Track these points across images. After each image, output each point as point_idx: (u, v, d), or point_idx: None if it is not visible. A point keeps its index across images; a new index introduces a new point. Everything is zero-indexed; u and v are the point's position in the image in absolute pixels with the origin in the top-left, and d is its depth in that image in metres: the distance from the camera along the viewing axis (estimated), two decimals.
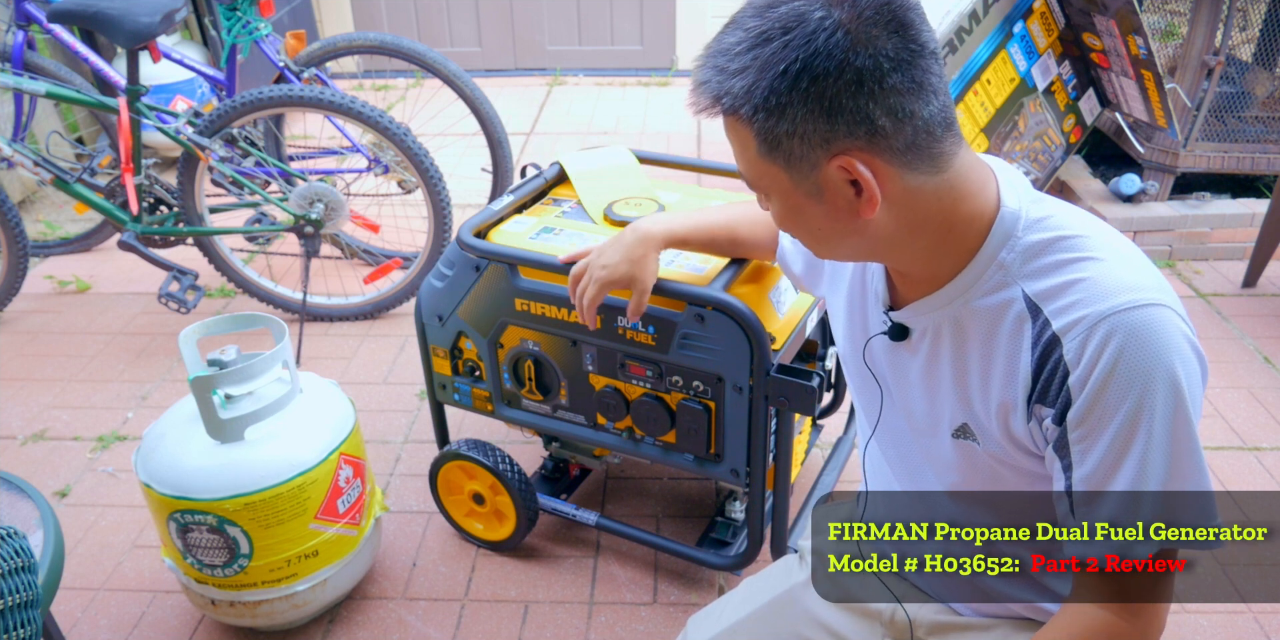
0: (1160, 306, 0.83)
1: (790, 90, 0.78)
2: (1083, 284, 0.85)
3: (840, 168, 0.81)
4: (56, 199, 3.75)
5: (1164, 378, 0.81)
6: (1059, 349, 0.85)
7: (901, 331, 0.98)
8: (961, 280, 0.91)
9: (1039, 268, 0.87)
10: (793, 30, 0.77)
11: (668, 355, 1.63)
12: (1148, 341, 0.81)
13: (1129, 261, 0.87)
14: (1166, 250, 3.29)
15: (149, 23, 2.50)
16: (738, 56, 0.79)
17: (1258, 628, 1.87)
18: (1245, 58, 3.43)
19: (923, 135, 0.82)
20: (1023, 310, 0.88)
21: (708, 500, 2.23)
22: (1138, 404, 0.82)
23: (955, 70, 2.92)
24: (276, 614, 1.80)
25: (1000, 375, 0.90)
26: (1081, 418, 0.84)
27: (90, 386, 2.73)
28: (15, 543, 1.03)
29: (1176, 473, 0.84)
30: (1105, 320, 0.82)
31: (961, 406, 0.95)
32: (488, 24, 5.32)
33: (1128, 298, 0.83)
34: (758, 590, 1.29)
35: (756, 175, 0.87)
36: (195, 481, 1.64)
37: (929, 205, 0.86)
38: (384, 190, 3.26)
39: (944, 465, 1.01)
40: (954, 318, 0.93)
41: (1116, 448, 0.84)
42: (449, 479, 2.06)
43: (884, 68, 0.77)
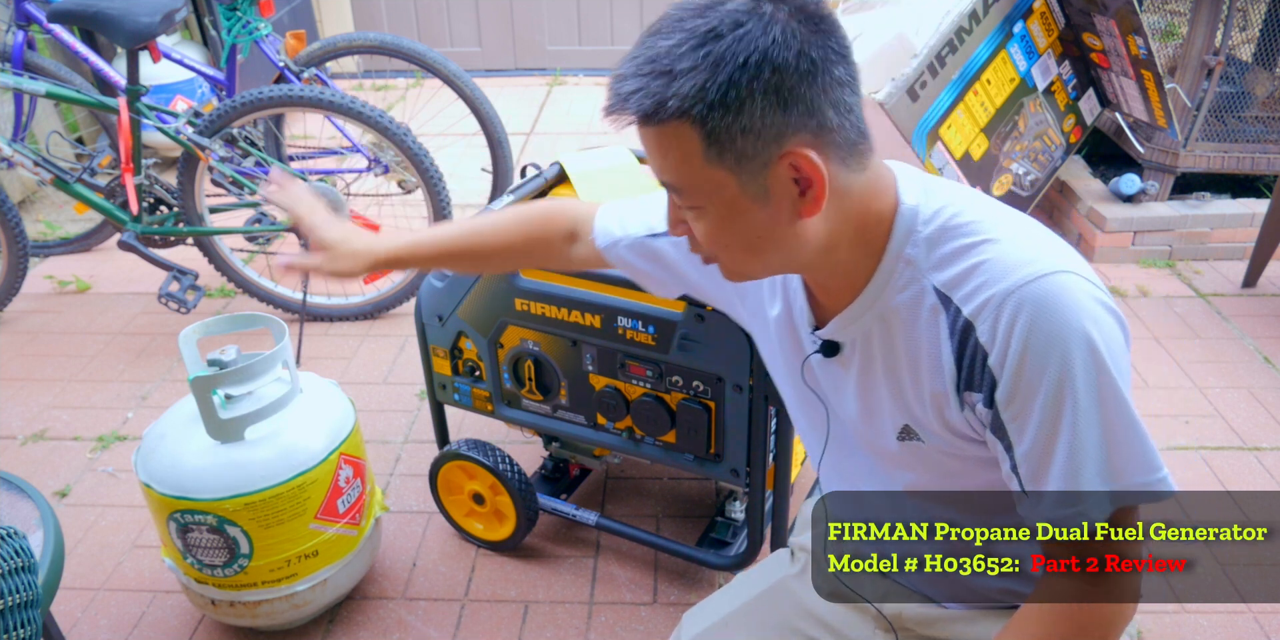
0: (1061, 273, 0.84)
1: (752, 81, 0.77)
2: (984, 266, 0.86)
3: (791, 165, 0.82)
4: (56, 199, 3.75)
5: (1078, 342, 0.82)
6: (974, 333, 0.86)
7: (833, 347, 1.00)
8: (875, 283, 0.92)
9: (941, 258, 0.89)
10: (745, 24, 0.78)
11: (668, 355, 1.63)
12: (1054, 309, 0.83)
13: (1025, 237, 0.88)
14: (1166, 250, 3.29)
15: (149, 23, 2.50)
16: (683, 57, 0.78)
17: (1258, 628, 1.87)
18: (1245, 58, 3.43)
19: (855, 132, 0.84)
20: (935, 302, 0.89)
21: (708, 500, 2.23)
22: (1059, 372, 0.83)
23: (955, 70, 2.92)
24: (276, 614, 1.80)
25: (927, 369, 0.92)
26: (1009, 396, 0.86)
27: (90, 386, 2.73)
28: (15, 543, 1.03)
29: (1109, 430, 0.85)
30: (1010, 297, 0.84)
31: (900, 408, 0.97)
32: (488, 24, 5.32)
33: (1027, 271, 0.84)
34: (749, 584, 1.29)
35: (696, 185, 0.85)
36: (195, 481, 1.64)
37: (853, 204, 0.88)
38: (384, 190, 3.26)
39: (898, 469, 1.03)
40: (876, 321, 0.95)
41: (1049, 418, 0.85)
42: (449, 479, 2.06)
43: (832, 59, 0.80)
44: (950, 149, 3.01)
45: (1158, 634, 1.86)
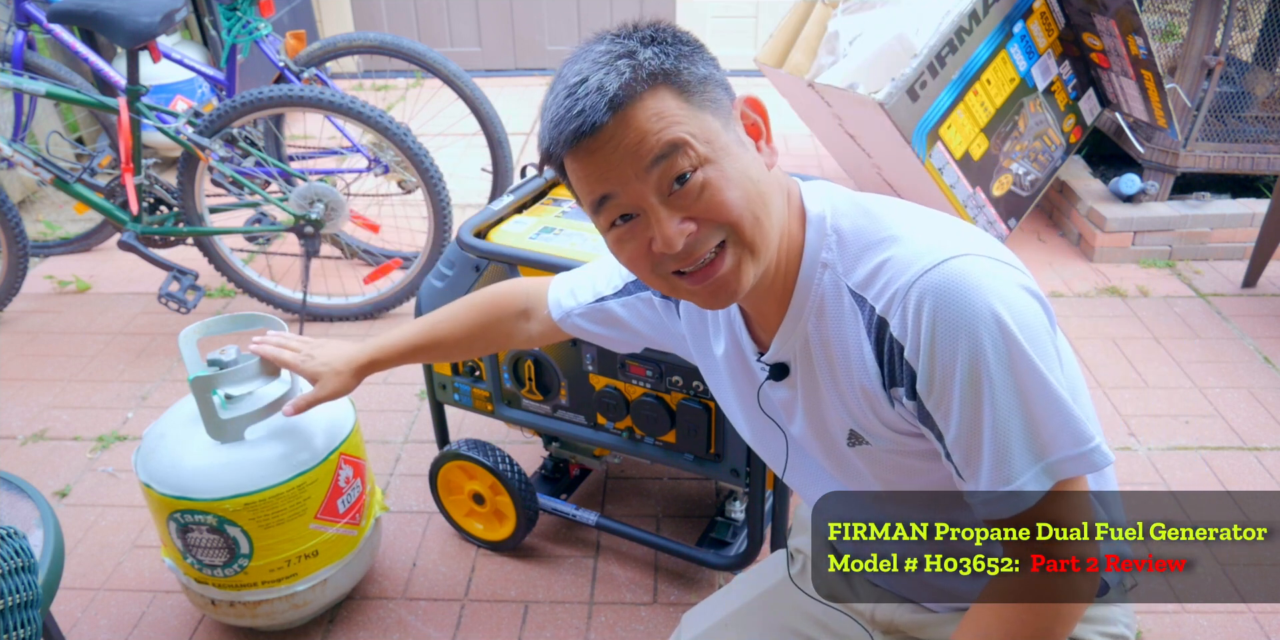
0: (961, 257, 0.85)
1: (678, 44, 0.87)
2: (889, 262, 0.89)
3: (748, 103, 0.91)
4: (56, 199, 3.75)
5: (985, 321, 0.83)
6: (888, 328, 0.89)
7: (781, 370, 1.02)
8: (799, 292, 0.96)
9: (852, 259, 0.93)
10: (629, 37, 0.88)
11: (668, 355, 1.63)
12: (955, 293, 0.84)
13: (926, 229, 0.91)
14: (1166, 250, 3.29)
15: (149, 23, 2.50)
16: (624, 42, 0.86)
17: (1258, 628, 1.87)
18: (1245, 58, 3.43)
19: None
20: (852, 302, 0.92)
21: (708, 500, 2.23)
22: (970, 355, 0.84)
23: (955, 70, 2.92)
24: (276, 614, 1.80)
25: (857, 369, 0.94)
26: (928, 385, 0.87)
27: (90, 386, 2.73)
28: (15, 543, 1.03)
29: (1030, 408, 0.85)
30: (913, 287, 0.86)
31: (845, 414, 0.98)
32: (488, 24, 5.32)
33: (926, 260, 0.86)
34: (748, 585, 1.30)
35: (696, 132, 0.85)
36: (195, 481, 1.64)
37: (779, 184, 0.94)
38: (384, 190, 3.26)
39: (859, 477, 1.04)
40: (809, 331, 0.97)
41: (968, 401, 0.85)
42: (449, 479, 2.06)
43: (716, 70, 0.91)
44: (950, 149, 3.01)
45: (1158, 634, 1.86)
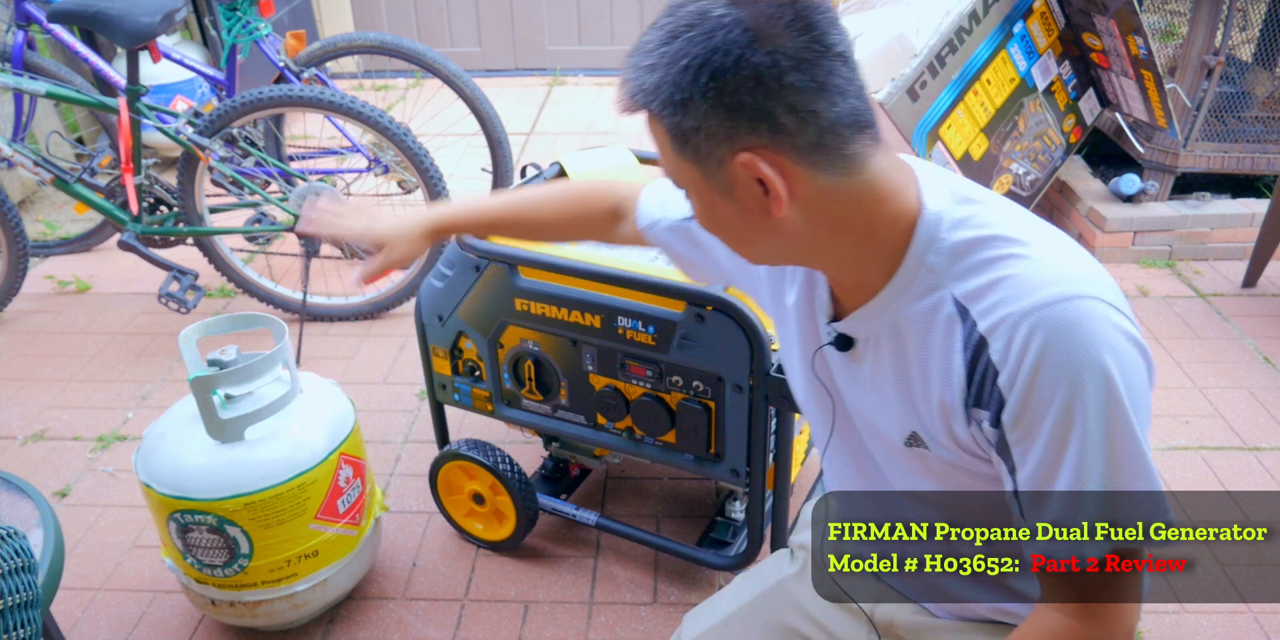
0: (1087, 299, 0.81)
1: (692, 85, 0.78)
2: (1007, 281, 0.84)
3: (744, 164, 0.81)
4: (56, 199, 3.75)
5: (1093, 372, 0.80)
6: (987, 350, 0.84)
7: (846, 341, 0.98)
8: (893, 286, 0.90)
9: (965, 268, 0.87)
10: (695, 26, 0.78)
11: (668, 355, 1.63)
12: (1073, 336, 0.80)
13: (1056, 256, 0.86)
14: (1166, 250, 3.29)
15: (149, 23, 2.50)
16: (650, 53, 0.81)
17: (1258, 628, 1.87)
18: (1245, 58, 3.42)
19: (829, 136, 0.81)
20: (953, 312, 0.87)
21: (708, 500, 2.23)
22: (1068, 401, 0.81)
23: (955, 70, 2.92)
24: (276, 614, 1.80)
25: (937, 379, 0.90)
26: (1016, 418, 0.84)
27: (90, 386, 2.73)
28: (15, 543, 1.03)
29: (1116, 470, 0.82)
30: (1028, 317, 0.81)
31: (909, 414, 0.95)
32: (488, 24, 5.32)
33: (1051, 292, 0.82)
34: (749, 584, 1.29)
35: (673, 170, 0.88)
36: (195, 481, 1.64)
37: (847, 207, 0.86)
38: (384, 190, 3.26)
39: (901, 471, 1.02)
40: (891, 324, 0.93)
41: (1053, 447, 0.82)
42: (449, 479, 2.06)
43: (783, 66, 0.77)
44: (950, 149, 3.01)
45: (1158, 634, 1.86)
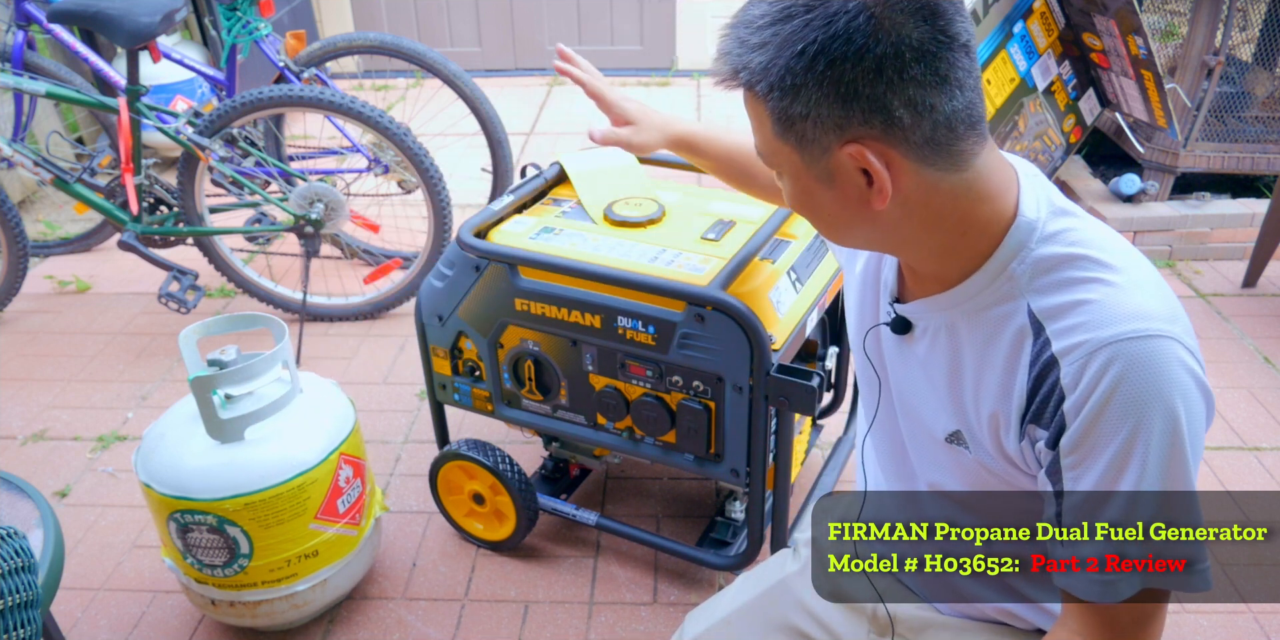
0: (1167, 339, 0.80)
1: (806, 71, 0.76)
2: (1090, 306, 0.82)
3: (851, 155, 0.79)
4: (56, 199, 3.75)
5: (1162, 412, 0.79)
6: (1056, 371, 0.83)
7: (904, 325, 0.97)
8: (969, 285, 0.89)
9: (1048, 283, 0.85)
10: (815, 9, 0.75)
11: (668, 355, 1.63)
12: (1149, 373, 0.79)
13: (1143, 288, 0.83)
14: (1166, 250, 3.29)
15: (149, 23, 2.50)
16: (759, 30, 0.77)
17: (1258, 628, 1.87)
18: (1245, 58, 3.42)
19: (943, 131, 0.79)
20: (1025, 325, 0.86)
21: (708, 500, 2.23)
22: (1132, 436, 0.79)
23: None
24: (276, 614, 1.80)
25: (995, 387, 0.89)
26: (1075, 444, 0.83)
27: (90, 386, 2.73)
28: (15, 543, 1.03)
29: (1166, 512, 0.81)
30: (1107, 347, 0.80)
31: (955, 413, 0.95)
32: (488, 24, 5.32)
33: (1135, 326, 0.80)
34: (751, 583, 1.29)
35: (771, 152, 0.85)
36: (195, 481, 1.64)
37: (945, 203, 0.84)
38: (384, 190, 3.26)
39: (933, 466, 1.01)
40: (956, 322, 0.91)
41: (1108, 479, 0.81)
42: (449, 479, 2.06)
43: (906, 57, 0.74)
44: None
45: None
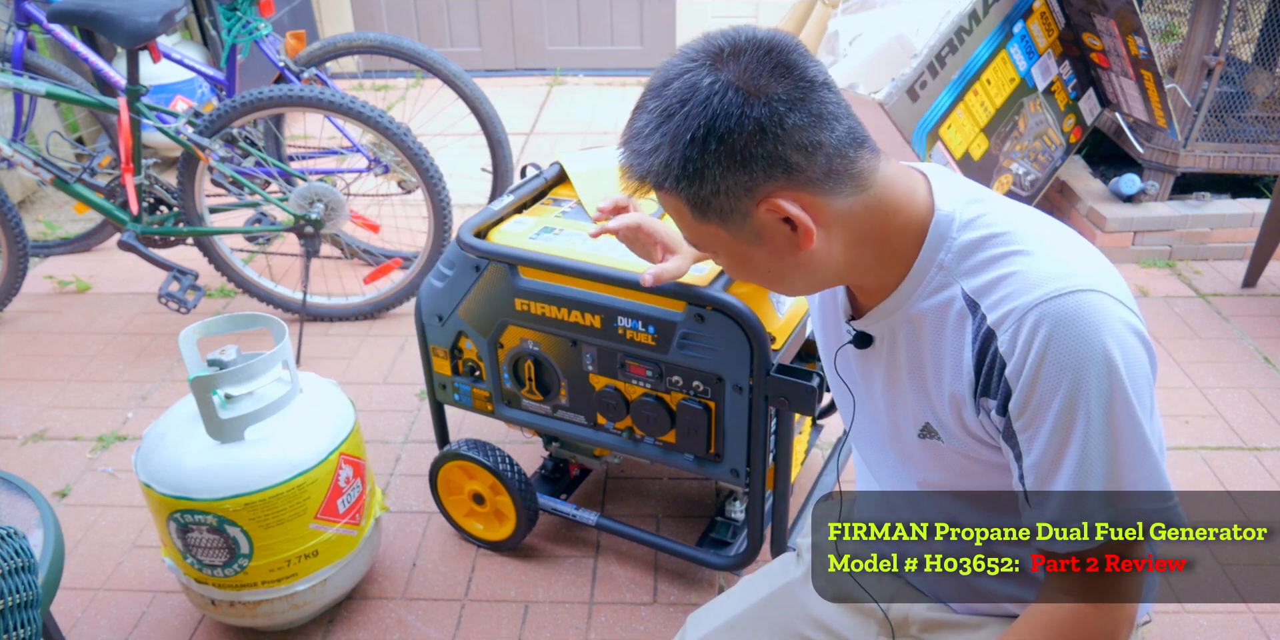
0: (1089, 292, 0.85)
1: (702, 154, 0.82)
2: (1013, 277, 0.88)
3: (769, 210, 0.85)
4: (56, 199, 3.75)
5: (1096, 362, 0.83)
6: (994, 342, 0.88)
7: (864, 339, 1.02)
8: (908, 284, 0.94)
9: (974, 265, 0.91)
10: (688, 101, 0.82)
11: (668, 355, 1.63)
12: (1076, 327, 0.84)
13: (1060, 250, 0.89)
14: (1166, 250, 3.29)
15: (149, 23, 2.50)
16: (648, 137, 0.84)
17: (1258, 628, 1.87)
18: (1245, 58, 3.42)
19: (836, 160, 0.85)
20: (963, 307, 0.91)
21: (708, 500, 2.23)
22: (1072, 390, 0.84)
23: (955, 70, 2.92)
24: (276, 614, 1.80)
25: (949, 370, 0.94)
26: (1021, 407, 0.87)
27: (90, 386, 2.73)
28: (15, 543, 1.03)
29: (1119, 457, 0.85)
30: (1034, 310, 0.85)
31: (922, 406, 0.99)
32: (488, 24, 5.32)
33: (1055, 286, 0.85)
34: (755, 587, 1.30)
35: (698, 237, 0.92)
36: (195, 481, 1.64)
37: (864, 221, 0.90)
38: (384, 190, 3.26)
39: (916, 464, 1.04)
40: (905, 320, 0.97)
41: (1058, 434, 0.86)
42: (449, 479, 2.06)
43: (780, 111, 0.81)
44: (950, 149, 3.01)
45: (1158, 634, 1.86)
